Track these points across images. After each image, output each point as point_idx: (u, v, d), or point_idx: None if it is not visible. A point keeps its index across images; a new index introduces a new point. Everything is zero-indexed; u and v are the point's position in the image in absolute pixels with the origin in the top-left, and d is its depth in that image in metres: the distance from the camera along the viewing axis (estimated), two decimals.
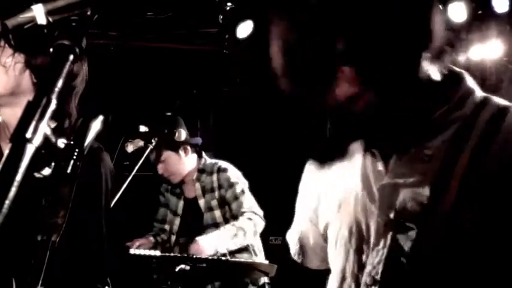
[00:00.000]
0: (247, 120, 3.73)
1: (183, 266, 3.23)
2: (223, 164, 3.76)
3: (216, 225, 3.62)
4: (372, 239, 1.07)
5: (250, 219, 3.51)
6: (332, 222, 1.18)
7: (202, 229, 3.62)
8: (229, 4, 4.36)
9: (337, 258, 1.15)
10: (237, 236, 3.44)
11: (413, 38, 1.00)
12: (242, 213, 3.54)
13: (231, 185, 3.62)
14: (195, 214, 3.70)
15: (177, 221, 3.76)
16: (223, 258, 3.29)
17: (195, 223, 3.64)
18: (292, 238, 1.38)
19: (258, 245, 3.69)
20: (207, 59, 5.43)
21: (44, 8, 0.94)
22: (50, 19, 0.95)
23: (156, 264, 3.26)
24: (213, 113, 5.88)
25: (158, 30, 4.85)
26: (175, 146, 3.74)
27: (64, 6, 0.94)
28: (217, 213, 3.64)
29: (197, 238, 3.40)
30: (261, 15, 4.54)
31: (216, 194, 3.66)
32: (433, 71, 1.05)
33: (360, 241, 1.10)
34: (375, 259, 1.06)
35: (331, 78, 1.00)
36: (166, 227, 3.81)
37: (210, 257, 3.33)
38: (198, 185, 3.72)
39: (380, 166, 1.10)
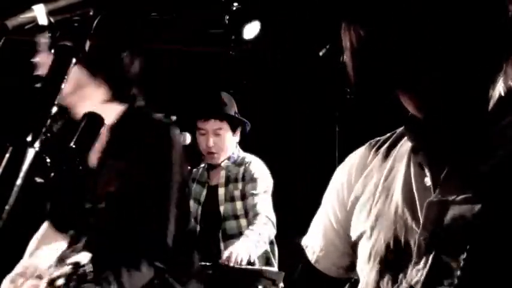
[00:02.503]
0: (250, 121, 3.71)
1: None
2: (253, 158, 3.67)
3: (235, 217, 3.53)
4: (413, 257, 1.02)
5: (265, 224, 3.38)
6: (367, 234, 1.12)
7: (221, 219, 3.53)
8: (235, 4, 4.35)
9: (370, 273, 1.09)
10: (260, 243, 3.31)
11: (491, 63, 0.95)
12: (256, 215, 3.40)
13: (254, 180, 3.52)
14: (213, 203, 3.59)
15: (200, 209, 3.63)
16: (231, 265, 3.18)
17: (213, 212, 3.53)
18: (312, 236, 1.30)
19: (275, 254, 3.60)
20: (213, 61, 5.42)
21: (45, 8, 0.92)
22: (52, 19, 0.93)
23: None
24: None
25: (162, 31, 4.83)
26: (235, 123, 3.63)
27: (66, 6, 0.92)
28: (239, 204, 3.54)
29: (231, 247, 3.24)
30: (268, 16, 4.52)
31: (240, 185, 3.56)
32: (498, 87, 0.99)
33: (396, 258, 1.05)
34: (413, 278, 1.01)
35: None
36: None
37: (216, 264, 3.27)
38: (223, 172, 3.62)
39: (428, 181, 1.03)
